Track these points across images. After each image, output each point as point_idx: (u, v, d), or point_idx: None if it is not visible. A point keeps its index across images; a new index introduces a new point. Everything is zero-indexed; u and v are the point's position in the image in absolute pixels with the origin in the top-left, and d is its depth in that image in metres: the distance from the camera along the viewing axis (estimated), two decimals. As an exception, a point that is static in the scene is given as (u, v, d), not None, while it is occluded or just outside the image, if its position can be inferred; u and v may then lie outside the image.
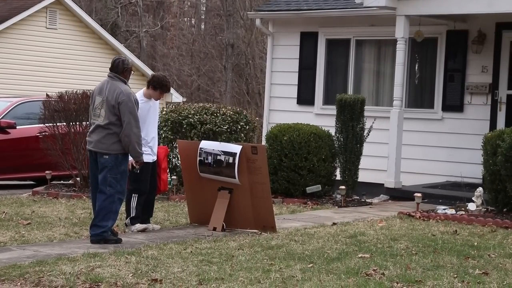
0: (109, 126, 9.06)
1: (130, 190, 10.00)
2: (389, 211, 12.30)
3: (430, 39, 14.78)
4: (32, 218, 10.97)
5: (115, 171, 9.06)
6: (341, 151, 13.68)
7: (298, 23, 16.42)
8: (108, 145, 9.06)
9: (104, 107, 9.08)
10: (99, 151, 9.09)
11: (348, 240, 9.41)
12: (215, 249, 8.70)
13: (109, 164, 9.05)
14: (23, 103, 16.48)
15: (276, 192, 13.24)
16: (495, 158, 11.43)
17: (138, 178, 9.92)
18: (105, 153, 9.07)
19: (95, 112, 9.18)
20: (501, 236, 10.02)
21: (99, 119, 9.12)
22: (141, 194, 9.98)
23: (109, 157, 9.06)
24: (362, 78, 15.89)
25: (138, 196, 9.95)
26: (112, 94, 9.06)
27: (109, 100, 9.05)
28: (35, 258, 8.08)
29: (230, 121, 14.09)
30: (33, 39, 24.89)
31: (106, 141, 9.07)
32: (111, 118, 9.05)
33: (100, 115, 9.11)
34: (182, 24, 43.38)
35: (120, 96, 9.04)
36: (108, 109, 9.05)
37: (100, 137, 9.09)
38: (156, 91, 10.09)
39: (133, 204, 9.95)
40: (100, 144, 9.09)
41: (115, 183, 9.06)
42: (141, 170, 9.86)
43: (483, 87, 14.40)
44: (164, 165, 10.46)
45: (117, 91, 9.06)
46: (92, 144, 9.18)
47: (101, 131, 9.10)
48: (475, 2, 12.96)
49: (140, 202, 9.97)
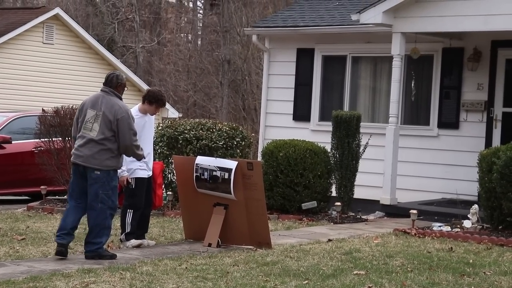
0: (104, 142, 8.95)
1: (125, 205, 9.97)
2: (384, 228, 12.28)
3: (426, 56, 14.81)
4: (26, 233, 10.93)
5: (106, 187, 8.98)
6: (336, 167, 13.67)
7: (295, 39, 16.45)
8: (101, 160, 8.95)
9: (99, 121, 8.95)
10: (91, 166, 8.94)
11: (343, 257, 9.39)
12: (210, 265, 8.68)
13: (101, 180, 8.95)
14: (19, 118, 16.47)
15: (271, 208, 13.22)
16: (490, 176, 11.43)
17: (133, 193, 9.90)
18: (97, 168, 8.94)
19: (86, 126, 9.00)
20: (496, 253, 10.01)
21: (92, 133, 8.95)
22: (137, 210, 9.95)
23: (101, 173, 8.95)
24: (358, 94, 15.92)
25: (133, 212, 9.92)
26: (110, 110, 8.96)
27: (107, 115, 8.94)
28: (29, 273, 8.05)
29: (226, 137, 14.09)
30: (30, 54, 24.90)
31: (99, 156, 8.94)
32: (106, 133, 8.95)
33: (93, 129, 8.96)
34: (178, 40, 43.45)
35: (119, 112, 8.95)
36: (105, 124, 8.95)
37: (93, 152, 8.94)
38: (152, 105, 10.08)
39: (128, 220, 9.92)
40: (92, 159, 8.94)
41: (106, 199, 8.99)
42: (136, 185, 9.84)
43: (479, 105, 14.43)
44: (160, 181, 10.44)
45: (115, 107, 8.97)
46: (82, 158, 8.99)
47: (94, 145, 8.95)
48: (471, 19, 13.01)
49: (135, 218, 9.94)
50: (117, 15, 39.03)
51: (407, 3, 13.40)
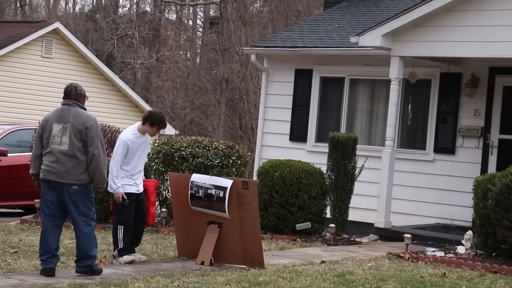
0: (76, 154, 8.83)
1: (115, 222, 9.98)
2: (378, 251, 12.26)
3: (424, 80, 14.85)
4: (19, 246, 10.89)
5: (85, 199, 8.94)
6: (332, 189, 13.67)
7: (293, 60, 16.49)
8: (77, 175, 8.86)
9: (67, 134, 8.84)
10: (67, 182, 8.84)
11: (336, 279, 9.37)
12: (202, 283, 8.65)
13: (80, 194, 8.88)
14: (15, 131, 16.46)
15: (265, 228, 13.20)
16: (485, 202, 11.42)
17: (122, 209, 9.89)
18: (74, 183, 8.85)
19: (54, 140, 8.87)
20: (489, 280, 9.99)
21: (62, 147, 8.84)
22: (127, 225, 9.94)
23: (79, 187, 8.87)
24: (355, 116, 15.93)
25: (124, 228, 9.91)
26: (78, 120, 8.88)
27: (75, 126, 8.84)
28: (21, 287, 8.01)
29: (222, 155, 14.09)
30: (29, 67, 24.93)
31: (75, 171, 8.85)
32: (77, 144, 8.84)
33: (62, 143, 8.85)
34: (177, 57, 43.55)
35: (88, 121, 8.89)
36: (74, 135, 8.84)
37: (68, 167, 8.83)
38: (153, 127, 10.11)
39: (120, 236, 9.91)
40: (68, 175, 8.84)
41: (88, 211, 8.95)
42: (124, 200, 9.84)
43: (475, 131, 14.46)
44: (153, 199, 10.43)
45: (83, 116, 8.92)
46: (56, 175, 8.86)
47: (68, 160, 8.84)
48: (469, 46, 13.05)
49: (127, 233, 9.93)
50: (116, 31, 39.15)
51: (406, 27, 13.45)
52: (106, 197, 13.47)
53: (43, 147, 8.99)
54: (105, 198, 13.47)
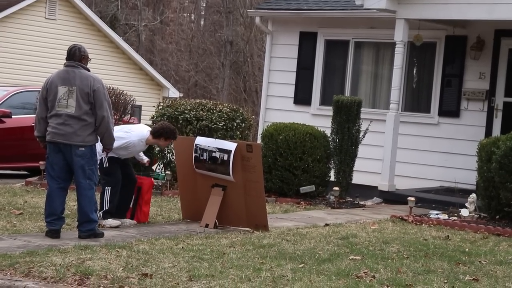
0: (84, 117, 8.79)
1: (102, 183, 9.94)
2: (382, 214, 12.30)
3: (428, 43, 14.78)
4: (24, 208, 10.95)
5: (91, 161, 8.92)
6: (336, 152, 13.67)
7: (298, 22, 16.41)
8: (84, 137, 8.83)
9: (74, 96, 8.76)
10: (74, 143, 8.80)
11: (340, 242, 9.40)
12: (206, 245, 8.69)
13: (86, 156, 8.85)
14: (19, 93, 16.43)
15: (269, 191, 13.23)
16: (489, 165, 11.43)
17: (107, 171, 9.88)
18: (81, 145, 8.82)
19: (60, 103, 8.80)
20: (492, 243, 10.03)
21: (68, 110, 8.78)
22: (113, 187, 9.90)
23: (86, 149, 8.84)
24: (359, 80, 15.89)
25: (111, 189, 9.89)
26: (85, 82, 8.80)
27: (82, 89, 8.76)
28: (26, 248, 8.06)
29: (226, 118, 14.07)
30: (32, 29, 24.86)
31: (82, 133, 8.81)
32: (84, 107, 8.78)
33: (69, 105, 8.78)
34: (181, 20, 43.35)
35: (95, 83, 8.82)
36: (81, 98, 8.77)
37: (75, 129, 8.79)
38: (168, 140, 10.17)
39: (107, 198, 9.88)
40: (75, 136, 8.79)
41: (92, 174, 8.94)
42: (110, 163, 9.83)
43: (480, 94, 14.42)
44: (147, 197, 10.27)
45: (89, 79, 8.84)
46: (63, 136, 8.81)
47: (76, 122, 8.79)
48: (475, 8, 12.96)
49: (113, 196, 9.88)
50: (120, -8, 38.92)
51: (412, -10, 13.36)
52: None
53: (48, 109, 8.94)
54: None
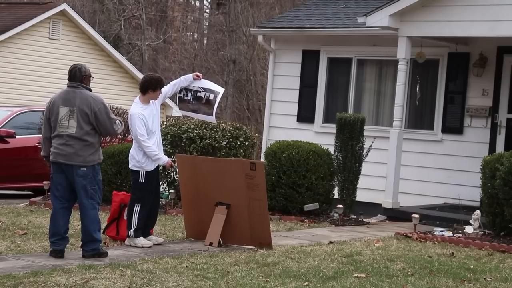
0: (85, 137, 8.84)
1: (132, 199, 9.88)
2: (386, 231, 12.28)
3: (431, 60, 14.80)
4: (28, 228, 10.95)
5: (93, 181, 8.94)
6: (339, 169, 13.67)
7: (300, 41, 16.45)
8: (86, 157, 8.87)
9: (75, 117, 8.82)
10: (76, 164, 8.85)
11: (344, 259, 9.39)
12: (210, 264, 8.68)
13: (88, 176, 8.88)
14: (23, 113, 16.49)
15: (273, 209, 13.22)
16: (493, 182, 11.42)
17: (142, 187, 9.83)
18: (83, 165, 8.86)
19: (62, 124, 8.86)
20: (497, 260, 10.00)
21: (70, 130, 8.83)
22: (145, 205, 9.86)
23: (87, 169, 8.88)
24: (362, 97, 15.91)
25: (141, 207, 9.83)
26: (85, 103, 8.84)
27: (82, 109, 8.82)
28: (30, 268, 8.06)
29: (229, 137, 14.09)
30: (36, 49, 24.93)
31: (83, 153, 8.85)
32: (85, 127, 8.84)
33: (70, 126, 8.84)
34: (184, 39, 43.48)
35: (95, 104, 8.86)
36: (82, 118, 8.82)
37: (76, 149, 8.84)
38: (157, 91, 10.03)
39: (136, 215, 9.80)
40: (76, 156, 8.84)
41: (94, 194, 8.96)
42: (146, 179, 9.79)
43: (483, 110, 14.42)
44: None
45: (89, 99, 8.88)
46: (64, 157, 8.86)
47: (77, 142, 8.84)
48: (477, 25, 12.99)
49: (142, 213, 9.82)
50: (123, 12, 39.06)
51: (414, 7, 13.39)
52: (115, 178, 13.54)
53: (51, 130, 9.00)
54: (113, 179, 13.53)
